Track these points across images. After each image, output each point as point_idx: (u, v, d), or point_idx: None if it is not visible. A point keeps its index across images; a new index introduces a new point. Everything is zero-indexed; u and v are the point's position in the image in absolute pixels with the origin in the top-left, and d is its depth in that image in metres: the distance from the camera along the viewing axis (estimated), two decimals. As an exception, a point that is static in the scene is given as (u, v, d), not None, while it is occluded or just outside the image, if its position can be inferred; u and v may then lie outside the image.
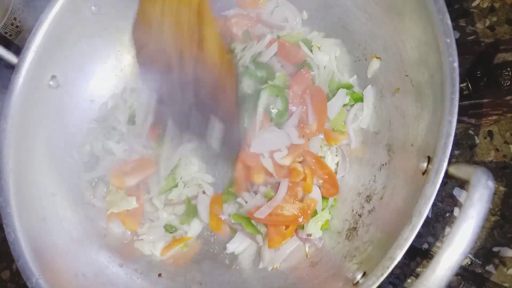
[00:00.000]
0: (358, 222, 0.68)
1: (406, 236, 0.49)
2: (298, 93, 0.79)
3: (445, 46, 0.53)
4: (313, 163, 0.76)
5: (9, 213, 0.68)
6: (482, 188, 0.42)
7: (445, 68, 0.52)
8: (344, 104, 0.78)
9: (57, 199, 0.77)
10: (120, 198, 0.81)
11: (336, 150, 0.78)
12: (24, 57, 0.75)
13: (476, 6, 0.88)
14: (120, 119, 0.85)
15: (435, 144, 0.52)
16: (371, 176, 0.70)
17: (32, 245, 0.68)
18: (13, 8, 0.92)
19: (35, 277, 0.65)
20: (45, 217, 0.73)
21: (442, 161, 0.49)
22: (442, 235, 0.77)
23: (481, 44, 0.84)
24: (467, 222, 0.40)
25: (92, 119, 0.87)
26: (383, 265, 0.49)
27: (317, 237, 0.73)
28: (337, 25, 0.81)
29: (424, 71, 0.60)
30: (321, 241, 0.72)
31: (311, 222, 0.72)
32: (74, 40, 0.82)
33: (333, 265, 0.65)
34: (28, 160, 0.74)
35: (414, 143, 0.61)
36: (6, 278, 0.97)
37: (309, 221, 0.73)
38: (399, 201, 0.58)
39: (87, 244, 0.77)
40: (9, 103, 0.73)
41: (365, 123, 0.76)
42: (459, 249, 0.40)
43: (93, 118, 0.88)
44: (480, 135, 0.80)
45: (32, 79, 0.75)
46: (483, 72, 0.80)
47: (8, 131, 0.72)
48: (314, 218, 0.73)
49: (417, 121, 0.61)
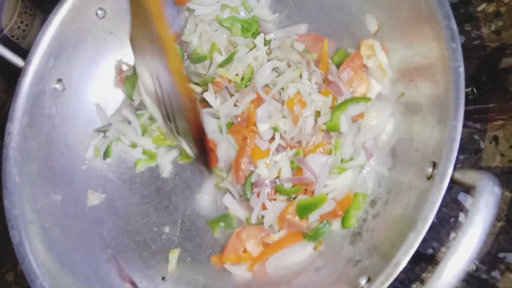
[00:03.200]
0: (362, 227, 0.67)
1: (411, 242, 0.48)
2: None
3: (451, 51, 0.53)
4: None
5: (14, 216, 0.68)
6: (488, 195, 0.41)
7: (451, 73, 0.52)
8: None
9: (62, 202, 0.77)
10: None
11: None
12: (30, 60, 0.75)
13: (481, 11, 0.87)
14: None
15: (440, 149, 0.52)
16: (376, 180, 0.70)
17: (36, 247, 0.68)
18: (20, 11, 0.93)
19: (39, 280, 0.65)
20: (50, 219, 0.73)
21: (448, 167, 0.49)
22: (447, 240, 0.76)
23: (487, 48, 0.83)
24: (473, 229, 0.40)
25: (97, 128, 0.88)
26: (388, 271, 0.49)
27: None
28: (341, 27, 0.81)
29: (429, 76, 0.60)
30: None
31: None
32: (80, 44, 0.82)
33: (337, 270, 0.65)
34: (33, 163, 0.75)
35: (419, 148, 0.61)
36: (11, 279, 0.97)
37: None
38: (404, 206, 0.58)
39: (91, 247, 0.77)
40: (15, 106, 0.74)
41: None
42: (465, 256, 0.40)
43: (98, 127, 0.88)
44: (486, 140, 0.80)
45: (38, 82, 0.76)
46: (489, 77, 0.80)
47: (14, 134, 0.72)
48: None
49: (422, 126, 0.61)
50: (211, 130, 0.82)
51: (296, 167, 0.74)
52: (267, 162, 0.75)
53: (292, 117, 0.75)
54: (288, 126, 0.75)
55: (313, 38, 0.84)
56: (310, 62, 0.79)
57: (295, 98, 0.75)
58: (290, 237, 0.73)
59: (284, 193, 0.74)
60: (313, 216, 0.70)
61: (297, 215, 0.71)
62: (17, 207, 0.69)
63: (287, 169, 0.74)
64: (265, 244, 0.74)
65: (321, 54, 0.80)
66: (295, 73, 0.78)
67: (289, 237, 0.73)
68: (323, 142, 0.74)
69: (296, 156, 0.74)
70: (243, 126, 0.80)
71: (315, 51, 0.82)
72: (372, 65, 0.72)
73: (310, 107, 0.74)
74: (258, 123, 0.76)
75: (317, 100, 0.74)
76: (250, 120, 0.78)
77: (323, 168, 0.71)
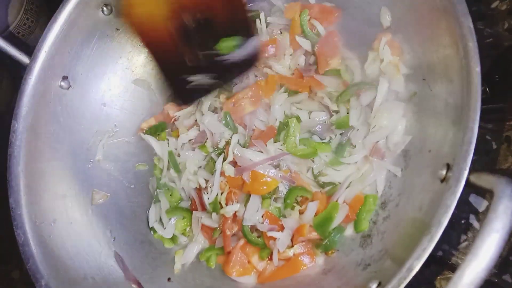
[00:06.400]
0: (372, 229, 0.66)
1: (425, 247, 0.47)
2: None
3: (467, 51, 0.51)
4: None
5: (19, 215, 0.68)
6: (507, 200, 0.40)
7: (467, 73, 0.51)
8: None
9: (67, 201, 0.76)
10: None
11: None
12: (36, 58, 0.74)
13: (494, 8, 0.85)
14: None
15: (454, 151, 0.51)
16: (386, 182, 0.68)
17: (42, 247, 0.68)
18: (26, 8, 0.92)
19: (44, 280, 0.64)
20: (55, 219, 0.73)
21: (463, 169, 0.48)
22: (458, 242, 0.75)
23: (499, 47, 0.82)
24: (491, 236, 0.39)
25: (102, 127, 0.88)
26: (401, 276, 0.48)
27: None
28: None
29: (443, 75, 0.59)
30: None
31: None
32: (86, 41, 0.81)
33: (346, 273, 0.64)
34: (39, 161, 0.74)
35: (432, 149, 0.59)
36: (17, 278, 0.97)
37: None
38: (416, 209, 0.57)
39: (97, 247, 0.76)
40: (21, 103, 0.73)
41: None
42: (483, 264, 0.39)
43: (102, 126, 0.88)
44: (497, 141, 0.78)
45: (43, 79, 0.75)
46: (502, 76, 0.78)
47: (19, 132, 0.72)
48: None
49: (435, 126, 0.60)
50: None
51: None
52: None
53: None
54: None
55: (321, 9, 0.82)
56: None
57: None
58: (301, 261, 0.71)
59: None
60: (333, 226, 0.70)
61: (314, 231, 0.70)
62: (22, 206, 0.69)
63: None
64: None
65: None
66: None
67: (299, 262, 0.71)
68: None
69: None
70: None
71: (322, 22, 0.81)
72: (386, 61, 0.71)
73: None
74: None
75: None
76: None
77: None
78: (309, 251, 0.71)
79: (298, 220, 0.72)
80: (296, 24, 0.82)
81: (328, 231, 0.69)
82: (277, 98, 0.79)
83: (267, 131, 0.78)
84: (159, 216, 0.84)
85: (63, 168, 0.78)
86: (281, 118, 0.79)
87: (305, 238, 0.70)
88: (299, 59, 0.81)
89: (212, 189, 0.77)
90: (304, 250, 0.71)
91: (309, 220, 0.71)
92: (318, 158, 0.75)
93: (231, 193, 0.76)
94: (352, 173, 0.71)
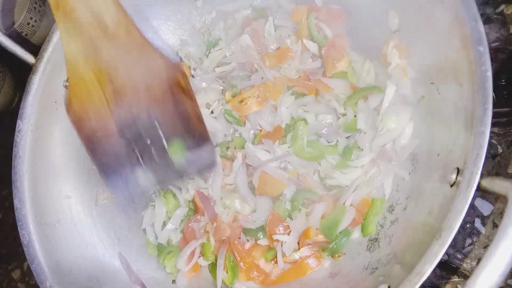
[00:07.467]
0: (380, 233, 0.66)
1: (436, 251, 0.47)
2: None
3: (477, 55, 0.51)
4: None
5: (24, 215, 0.68)
6: (523, 206, 0.40)
7: (478, 78, 0.51)
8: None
9: (72, 202, 0.76)
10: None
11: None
12: (42, 57, 0.74)
13: (500, 12, 0.85)
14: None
15: (465, 155, 0.50)
16: (394, 185, 0.68)
17: (46, 247, 0.67)
18: (29, 7, 0.91)
19: (49, 282, 0.64)
20: (60, 219, 0.73)
21: (475, 174, 0.47)
22: (463, 246, 0.75)
23: (506, 51, 0.82)
24: (506, 242, 0.38)
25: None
26: (411, 280, 0.47)
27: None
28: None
29: (452, 79, 0.58)
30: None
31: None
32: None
33: (353, 277, 0.64)
34: (44, 161, 0.74)
35: (441, 153, 0.59)
36: (17, 277, 0.96)
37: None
38: (426, 214, 0.56)
39: (101, 248, 0.76)
40: (26, 103, 0.72)
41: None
42: (497, 271, 0.38)
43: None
44: (503, 145, 0.78)
45: (49, 79, 0.75)
46: (508, 80, 0.78)
47: (24, 132, 0.71)
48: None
49: (444, 130, 0.59)
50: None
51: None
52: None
53: None
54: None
55: (328, 12, 0.81)
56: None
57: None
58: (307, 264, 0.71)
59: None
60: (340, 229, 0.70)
61: (321, 234, 0.70)
62: (27, 206, 0.68)
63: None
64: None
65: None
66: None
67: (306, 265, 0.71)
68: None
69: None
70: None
71: (329, 24, 0.81)
72: (393, 64, 0.70)
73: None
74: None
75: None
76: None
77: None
78: (316, 254, 0.70)
79: (305, 222, 0.72)
80: (304, 27, 0.81)
81: (335, 234, 0.69)
82: (284, 100, 0.79)
83: (274, 132, 0.78)
84: (153, 222, 0.83)
85: (67, 169, 0.77)
86: (288, 120, 0.79)
87: (311, 241, 0.70)
88: (306, 61, 0.81)
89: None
90: (311, 253, 0.70)
91: (316, 223, 0.70)
92: (324, 161, 0.75)
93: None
94: (359, 176, 0.71)
